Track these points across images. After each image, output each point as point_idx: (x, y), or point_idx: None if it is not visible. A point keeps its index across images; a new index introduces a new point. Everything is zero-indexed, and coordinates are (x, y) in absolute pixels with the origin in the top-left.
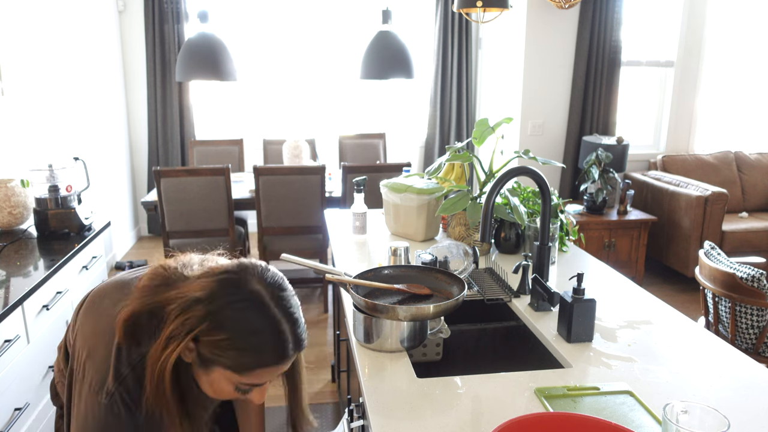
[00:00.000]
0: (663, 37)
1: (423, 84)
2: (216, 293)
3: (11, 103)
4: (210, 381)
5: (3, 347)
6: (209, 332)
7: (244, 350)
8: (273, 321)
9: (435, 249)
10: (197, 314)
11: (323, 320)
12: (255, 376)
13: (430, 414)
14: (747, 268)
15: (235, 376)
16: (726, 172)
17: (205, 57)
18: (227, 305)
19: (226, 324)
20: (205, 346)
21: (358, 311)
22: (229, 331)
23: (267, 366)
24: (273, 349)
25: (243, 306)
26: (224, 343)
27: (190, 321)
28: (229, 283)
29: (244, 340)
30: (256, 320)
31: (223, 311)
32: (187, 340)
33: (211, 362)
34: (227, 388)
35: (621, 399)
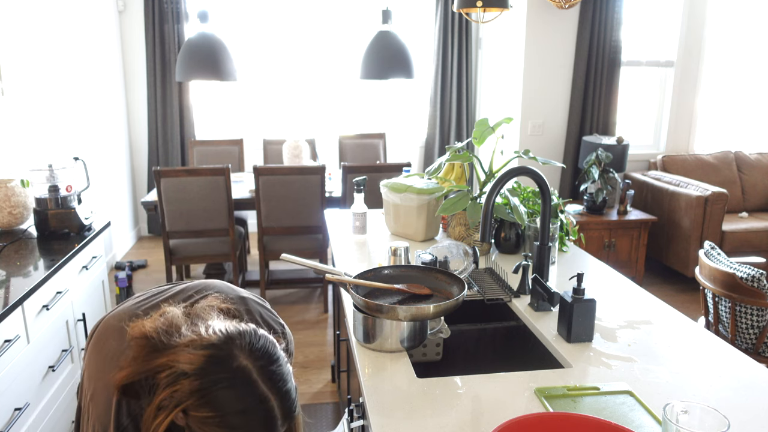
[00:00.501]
0: (663, 37)
1: (423, 84)
2: (203, 369)
3: (11, 103)
4: None
5: (3, 347)
6: (196, 408)
7: (229, 429)
8: (261, 398)
9: (435, 249)
10: (185, 389)
11: (323, 320)
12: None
13: (430, 414)
14: (747, 268)
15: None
16: (726, 172)
17: (205, 57)
18: (213, 383)
19: (213, 402)
20: (193, 421)
21: (358, 311)
22: (215, 410)
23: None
24: (261, 427)
25: (229, 384)
26: (211, 421)
27: (178, 394)
28: (215, 360)
29: (231, 419)
30: (243, 399)
31: (210, 389)
32: (176, 411)
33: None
34: None
35: (621, 399)
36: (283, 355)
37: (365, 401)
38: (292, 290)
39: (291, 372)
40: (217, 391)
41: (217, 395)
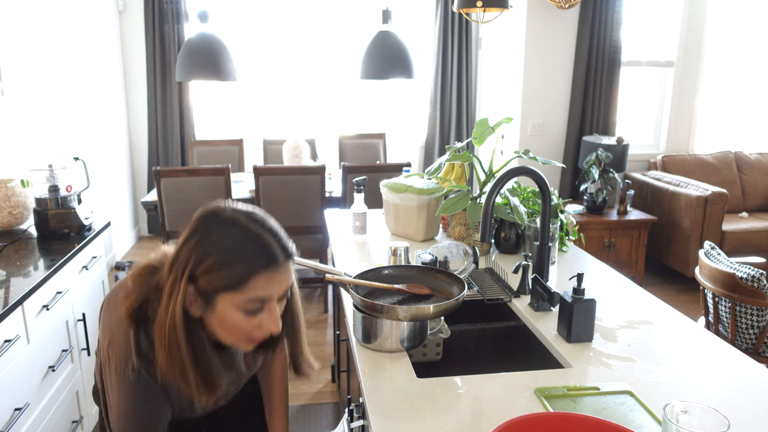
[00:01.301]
0: (663, 37)
1: (423, 84)
2: (196, 229)
3: (11, 103)
4: (220, 320)
5: (3, 347)
6: (199, 263)
7: (233, 263)
8: (253, 232)
9: (435, 249)
10: (184, 255)
11: (323, 320)
12: (253, 288)
13: (430, 414)
14: (747, 268)
15: (236, 296)
16: (726, 172)
17: (205, 57)
18: (208, 234)
19: (212, 248)
20: (201, 281)
21: (358, 311)
22: (215, 252)
23: (258, 272)
24: (259, 255)
25: (222, 228)
26: (215, 266)
27: (180, 265)
28: (205, 218)
29: (231, 254)
30: (236, 235)
31: (206, 240)
32: (184, 283)
33: (212, 294)
34: (237, 318)
35: (621, 399)
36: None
37: (365, 401)
38: None
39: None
40: (212, 238)
41: (213, 241)
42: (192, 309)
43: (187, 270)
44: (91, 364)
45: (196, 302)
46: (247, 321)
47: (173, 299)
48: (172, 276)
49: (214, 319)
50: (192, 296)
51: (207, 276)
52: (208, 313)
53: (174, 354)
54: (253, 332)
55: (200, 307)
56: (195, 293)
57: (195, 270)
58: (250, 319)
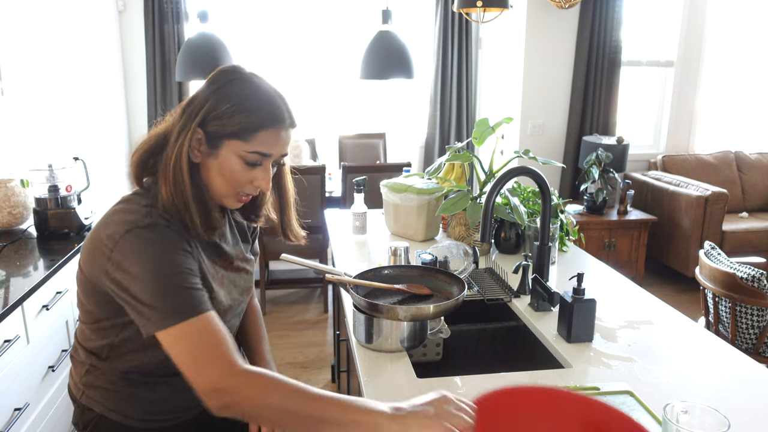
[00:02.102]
0: (663, 37)
1: (423, 84)
2: (216, 78)
3: (11, 103)
4: (220, 164)
5: (3, 347)
6: (214, 108)
7: (247, 111)
8: (268, 90)
9: (435, 249)
10: (200, 99)
11: (323, 320)
12: (259, 141)
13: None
14: (747, 268)
15: (241, 144)
16: (726, 172)
17: (205, 57)
18: (227, 83)
19: (229, 95)
20: (211, 123)
21: (358, 311)
22: (231, 100)
23: (268, 127)
24: (271, 111)
25: (241, 80)
26: (229, 111)
27: (194, 107)
28: (226, 70)
29: (246, 102)
30: (254, 88)
31: (225, 87)
32: (195, 124)
33: (219, 138)
34: (237, 166)
35: (621, 399)
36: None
37: None
38: (292, 290)
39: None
40: (230, 87)
41: (231, 89)
42: (194, 154)
43: (201, 112)
44: None
45: (201, 147)
46: (244, 172)
47: (182, 137)
48: (185, 117)
49: (214, 165)
50: (198, 140)
51: (219, 121)
52: (210, 159)
53: (179, 188)
54: (245, 186)
55: (203, 152)
56: (203, 137)
57: (209, 114)
58: (247, 171)
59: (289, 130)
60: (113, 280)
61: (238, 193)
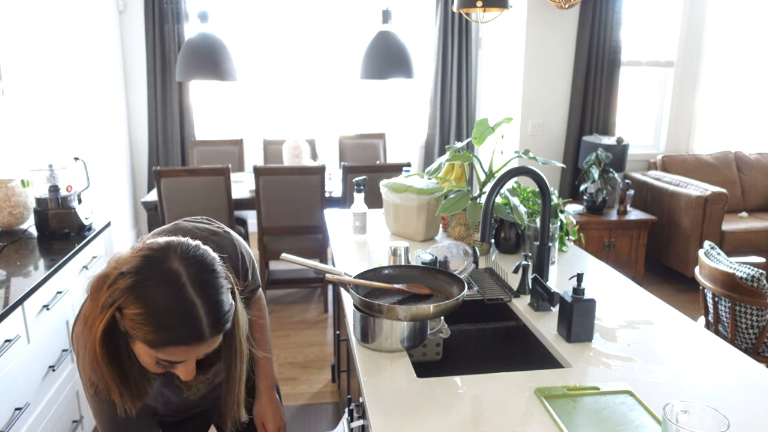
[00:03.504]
0: (663, 37)
1: (423, 84)
2: (138, 268)
3: (11, 103)
4: (137, 352)
5: (3, 347)
6: (128, 305)
7: (155, 326)
8: (186, 301)
9: (435, 249)
10: (120, 286)
11: (323, 320)
12: (168, 353)
13: (430, 414)
14: (747, 268)
15: (151, 351)
16: (726, 172)
17: (205, 57)
18: (144, 281)
19: (141, 299)
20: (126, 320)
21: (358, 311)
22: (143, 307)
23: (178, 344)
24: (183, 328)
25: (159, 282)
26: (138, 318)
27: (115, 293)
28: (150, 260)
29: (156, 316)
30: (168, 299)
31: (141, 286)
32: (112, 311)
33: (131, 335)
34: (149, 361)
35: (621, 399)
36: (222, 271)
37: (365, 401)
38: (292, 290)
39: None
40: (147, 289)
41: (147, 293)
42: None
43: (116, 302)
44: None
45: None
46: (157, 367)
47: (99, 318)
48: (106, 295)
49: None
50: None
51: (130, 321)
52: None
53: (95, 367)
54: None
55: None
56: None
57: (122, 308)
58: (162, 367)
59: (211, 340)
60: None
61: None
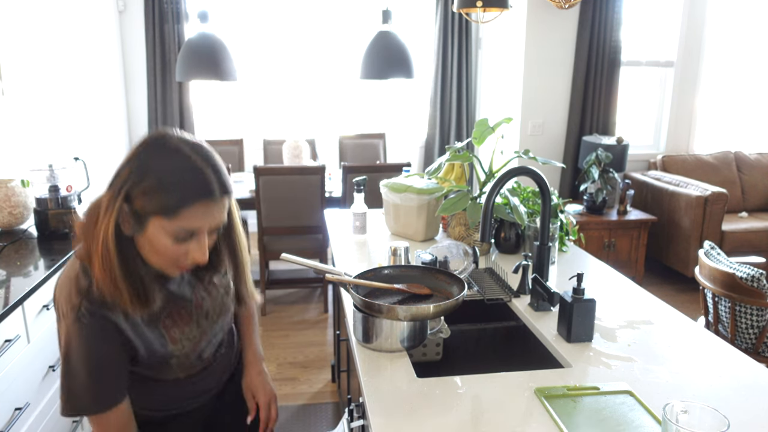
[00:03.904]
0: (663, 37)
1: (423, 84)
2: (139, 153)
3: (11, 103)
4: (149, 240)
5: (3, 347)
6: (137, 184)
7: (169, 190)
8: (194, 163)
9: (435, 249)
10: (124, 175)
11: (323, 320)
12: (185, 217)
13: (430, 414)
14: (747, 268)
15: (166, 222)
16: (726, 172)
17: (205, 57)
18: (150, 158)
19: (150, 171)
20: (135, 200)
21: (358, 311)
22: (153, 176)
23: (193, 202)
24: (197, 186)
25: (164, 155)
26: (151, 188)
27: (118, 183)
28: (150, 142)
29: (168, 179)
30: (177, 163)
31: (147, 163)
32: (120, 200)
33: (144, 215)
34: (166, 241)
35: (621, 399)
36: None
37: (365, 401)
38: (292, 290)
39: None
40: (153, 162)
41: (154, 165)
42: (124, 227)
43: (124, 188)
44: None
45: (129, 221)
46: (175, 247)
47: (108, 214)
48: (110, 193)
49: (143, 240)
50: (126, 214)
51: (141, 197)
52: (138, 234)
53: (106, 265)
54: (179, 259)
55: (131, 227)
56: (129, 212)
57: (132, 190)
58: (178, 246)
59: (221, 201)
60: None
61: (176, 266)
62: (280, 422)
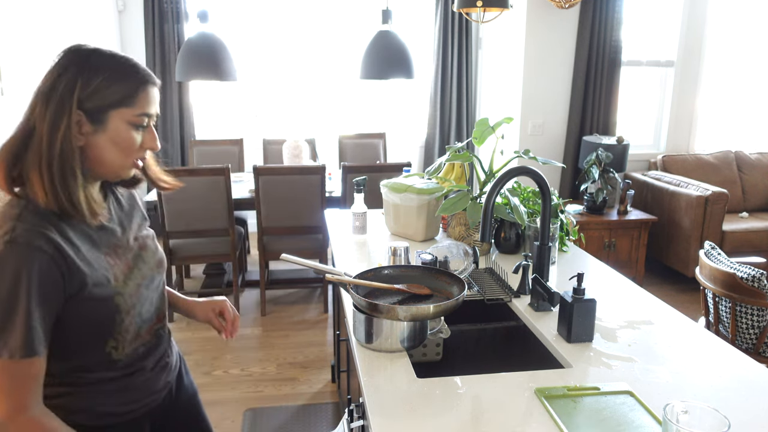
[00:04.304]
0: (663, 37)
1: (423, 84)
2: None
3: (11, 103)
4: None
5: None
6: (87, 85)
7: (123, 80)
8: (124, 56)
9: (435, 249)
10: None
11: (323, 320)
12: (140, 102)
13: (430, 414)
14: (747, 268)
15: (126, 111)
16: (726, 172)
17: (205, 57)
18: (87, 60)
19: (98, 70)
20: (89, 101)
21: (358, 311)
22: (102, 73)
23: (144, 88)
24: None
25: (99, 55)
26: (104, 84)
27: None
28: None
29: (117, 73)
30: (116, 59)
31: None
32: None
33: (103, 111)
34: (128, 133)
35: (621, 399)
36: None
37: (365, 401)
38: (292, 290)
39: None
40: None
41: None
42: (76, 138)
43: (73, 96)
44: None
45: (83, 127)
46: (134, 137)
47: (60, 125)
48: (55, 104)
49: (103, 139)
50: (77, 123)
51: (97, 95)
52: (97, 136)
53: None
54: (138, 150)
55: (88, 132)
56: (83, 117)
57: (83, 92)
58: (137, 135)
59: (156, 87)
60: None
61: (133, 160)
62: (280, 422)
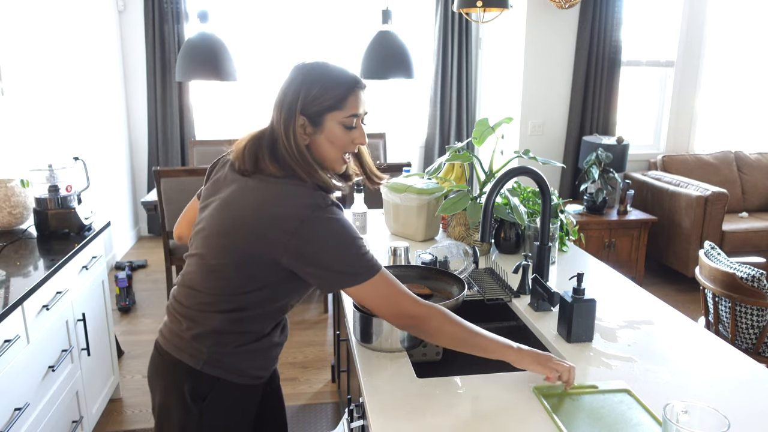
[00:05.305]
0: (663, 37)
1: (423, 84)
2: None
3: (11, 103)
4: (327, 136)
5: (3, 347)
6: (308, 95)
7: (334, 87)
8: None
9: (435, 249)
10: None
11: (323, 320)
12: (349, 105)
13: (430, 414)
14: (747, 268)
15: (338, 113)
16: (726, 172)
17: (205, 57)
18: (309, 73)
19: (314, 80)
20: (310, 107)
21: (357, 311)
22: (318, 82)
23: (352, 92)
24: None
25: (315, 66)
26: (321, 91)
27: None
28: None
29: (330, 80)
30: (328, 68)
31: (309, 77)
32: (298, 113)
33: (321, 114)
34: (340, 132)
35: (619, 397)
36: None
37: (365, 401)
38: None
39: None
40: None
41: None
42: (302, 138)
43: (297, 106)
44: (90, 364)
45: (307, 129)
46: (346, 135)
47: (291, 127)
48: (285, 111)
49: (322, 139)
50: (302, 126)
51: (316, 101)
52: (317, 135)
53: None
54: (349, 146)
55: (310, 132)
56: (305, 121)
57: (305, 100)
58: (348, 134)
59: (363, 90)
60: (297, 254)
61: (344, 156)
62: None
